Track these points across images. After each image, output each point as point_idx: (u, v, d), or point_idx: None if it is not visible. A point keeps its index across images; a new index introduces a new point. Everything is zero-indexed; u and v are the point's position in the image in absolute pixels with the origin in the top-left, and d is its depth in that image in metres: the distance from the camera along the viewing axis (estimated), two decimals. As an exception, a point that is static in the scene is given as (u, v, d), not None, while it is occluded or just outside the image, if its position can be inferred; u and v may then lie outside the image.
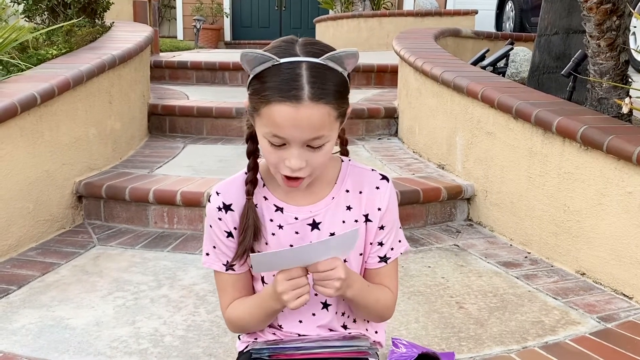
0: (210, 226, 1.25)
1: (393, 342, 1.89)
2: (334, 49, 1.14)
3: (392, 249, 1.29)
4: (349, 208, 1.25)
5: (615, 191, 2.39)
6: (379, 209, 1.25)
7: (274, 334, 1.34)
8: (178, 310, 2.25)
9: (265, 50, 1.12)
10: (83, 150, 3.25)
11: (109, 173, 3.34)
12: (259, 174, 1.25)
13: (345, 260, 1.24)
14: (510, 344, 2.03)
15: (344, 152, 1.31)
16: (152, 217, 3.06)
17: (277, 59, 1.09)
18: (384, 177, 1.26)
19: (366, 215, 1.25)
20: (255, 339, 1.36)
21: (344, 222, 1.24)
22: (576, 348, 2.01)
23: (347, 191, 1.25)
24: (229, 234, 1.25)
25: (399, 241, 1.31)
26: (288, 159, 1.11)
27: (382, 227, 1.27)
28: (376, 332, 1.38)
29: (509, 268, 2.66)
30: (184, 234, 3.00)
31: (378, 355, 1.31)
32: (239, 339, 1.42)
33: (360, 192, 1.25)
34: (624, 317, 2.22)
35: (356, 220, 1.24)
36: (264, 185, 1.25)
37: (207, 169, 3.50)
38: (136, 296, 2.37)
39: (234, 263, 1.25)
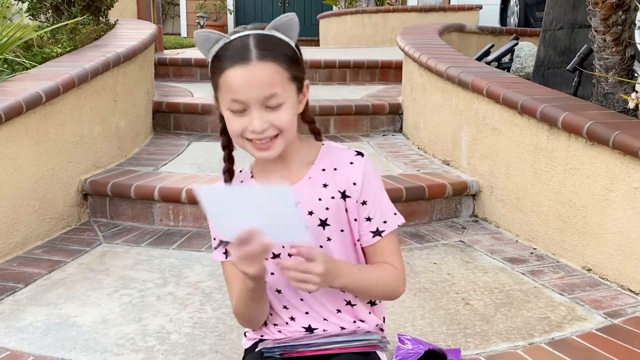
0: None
1: (399, 338, 1.89)
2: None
3: (385, 222, 1.30)
4: (325, 186, 1.28)
5: (622, 187, 2.38)
6: (354, 184, 1.27)
7: (280, 331, 1.34)
8: (184, 308, 2.25)
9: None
10: (88, 148, 3.26)
11: (114, 171, 3.34)
12: (248, 167, 1.34)
13: (321, 246, 1.25)
14: (516, 340, 2.03)
15: (317, 134, 1.36)
16: (158, 215, 3.07)
17: (228, 36, 1.21)
18: (359, 153, 1.30)
19: (343, 192, 1.27)
20: (262, 336, 1.37)
21: (320, 199, 1.27)
22: (582, 344, 2.01)
23: (323, 170, 1.29)
24: None
25: (394, 214, 1.31)
26: (250, 123, 1.19)
27: (364, 202, 1.28)
28: (377, 325, 1.38)
29: (515, 264, 2.65)
30: (190, 231, 3.01)
31: (388, 349, 1.31)
32: (245, 336, 1.42)
33: (335, 169, 1.28)
34: (631, 312, 2.22)
35: (332, 197, 1.27)
36: (252, 177, 1.33)
37: (212, 166, 3.50)
38: (142, 294, 2.37)
39: (224, 248, 1.29)
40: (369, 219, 1.29)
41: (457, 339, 2.03)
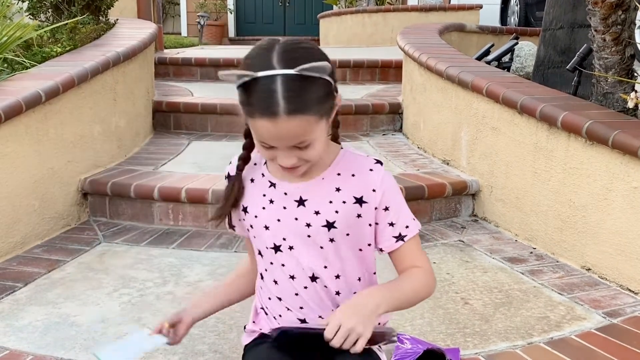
0: None
1: (398, 337, 1.89)
2: (315, 51, 1.17)
3: (407, 226, 1.32)
4: (338, 190, 1.28)
5: (621, 186, 2.38)
6: (374, 190, 1.28)
7: (279, 323, 1.35)
8: (183, 307, 2.25)
9: (246, 58, 1.16)
10: (88, 148, 3.26)
11: (114, 170, 3.35)
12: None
13: (322, 247, 1.27)
14: (515, 339, 2.03)
15: (335, 135, 1.34)
16: (157, 214, 3.07)
17: (254, 73, 1.12)
18: (378, 162, 1.31)
19: (360, 198, 1.27)
20: (261, 328, 1.38)
21: (331, 202, 1.27)
22: (582, 344, 2.01)
23: (339, 174, 1.29)
24: None
25: (413, 219, 1.34)
26: (279, 160, 1.19)
27: (387, 209, 1.29)
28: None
29: (514, 263, 2.65)
30: (189, 230, 3.01)
31: (395, 340, 1.31)
32: (245, 329, 1.43)
33: (353, 175, 1.28)
34: (630, 312, 2.22)
35: (344, 202, 1.27)
36: (265, 163, 1.33)
37: (212, 166, 3.50)
38: (142, 293, 2.37)
39: (231, 225, 1.38)
40: (392, 224, 1.30)
41: (456, 339, 2.03)
